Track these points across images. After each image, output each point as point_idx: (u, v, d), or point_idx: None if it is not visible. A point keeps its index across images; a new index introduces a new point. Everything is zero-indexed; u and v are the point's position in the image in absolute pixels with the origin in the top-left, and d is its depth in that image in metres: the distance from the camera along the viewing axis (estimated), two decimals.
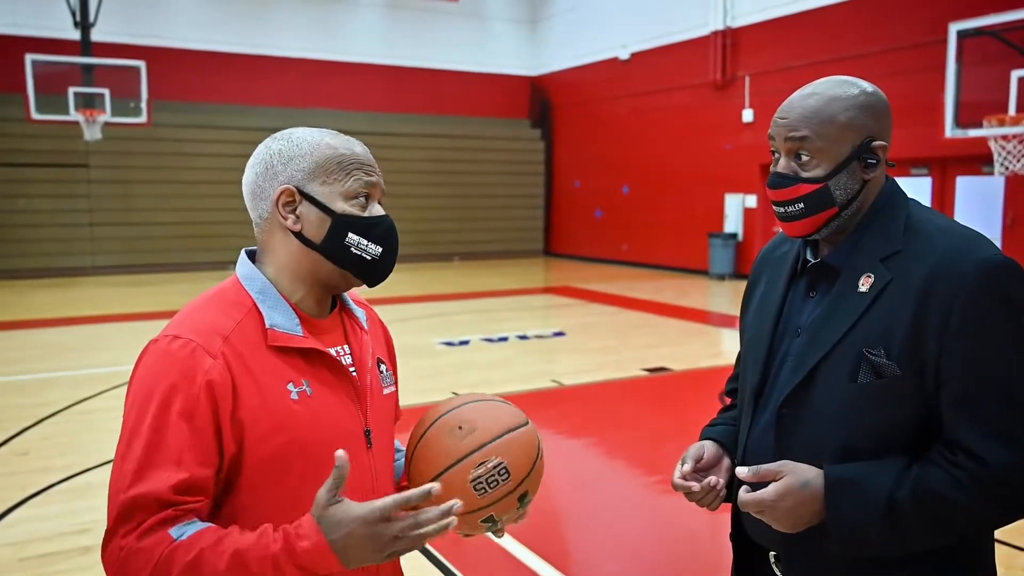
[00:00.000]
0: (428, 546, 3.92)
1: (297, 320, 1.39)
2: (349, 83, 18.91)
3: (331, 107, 18.56)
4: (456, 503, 1.22)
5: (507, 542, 3.99)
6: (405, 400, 1.78)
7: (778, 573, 1.54)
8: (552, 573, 3.71)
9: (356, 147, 1.43)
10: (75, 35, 15.06)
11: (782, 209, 1.48)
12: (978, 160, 11.34)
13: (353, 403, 1.43)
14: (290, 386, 1.34)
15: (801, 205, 1.45)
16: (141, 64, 14.40)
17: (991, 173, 9.90)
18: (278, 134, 1.44)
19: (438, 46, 20.01)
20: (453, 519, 1.21)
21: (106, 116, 13.95)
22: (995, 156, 9.21)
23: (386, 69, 19.36)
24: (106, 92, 14.05)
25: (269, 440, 1.30)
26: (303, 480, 1.33)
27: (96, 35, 15.26)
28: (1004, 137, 9.03)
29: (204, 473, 1.26)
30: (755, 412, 1.55)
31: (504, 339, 9.47)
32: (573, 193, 20.65)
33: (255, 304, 1.37)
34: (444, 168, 19.69)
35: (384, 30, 19.49)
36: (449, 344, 9.17)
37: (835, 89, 1.45)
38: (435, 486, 1.22)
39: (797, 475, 1.36)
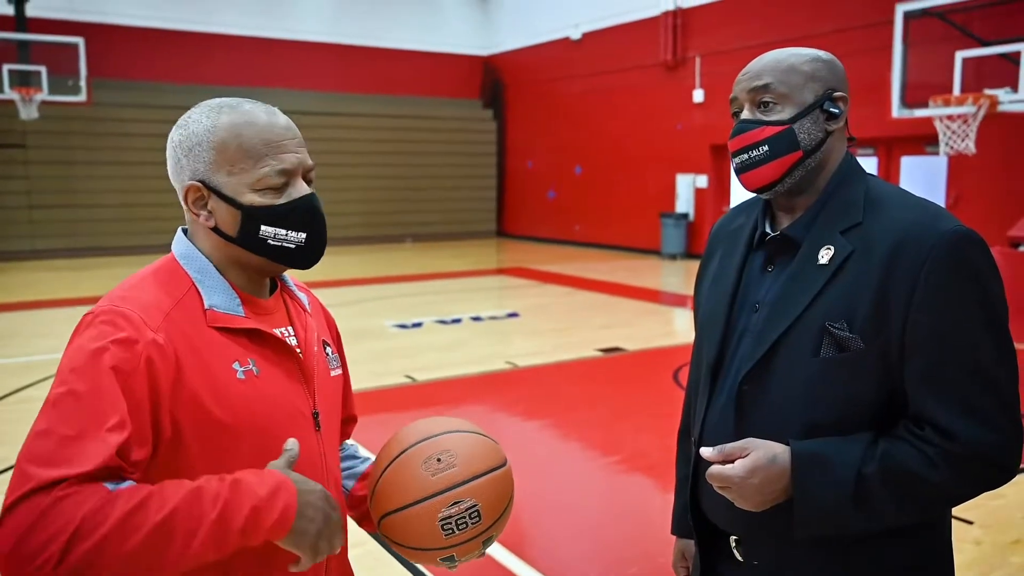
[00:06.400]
0: None
1: (238, 300, 1.33)
2: (297, 62, 18.54)
3: (279, 86, 18.18)
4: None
5: None
6: (358, 384, 1.72)
7: (739, 557, 1.51)
8: (509, 558, 3.69)
9: (256, 119, 1.30)
10: (9, 10, 14.52)
11: (745, 155, 1.45)
12: (922, 140, 11.55)
13: (300, 384, 1.38)
14: (235, 365, 1.27)
15: (766, 148, 1.43)
16: (79, 40, 13.95)
17: (935, 153, 10.09)
18: (181, 119, 1.33)
19: (389, 25, 19.71)
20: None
21: (43, 95, 13.53)
22: (940, 136, 9.38)
23: (335, 48, 19.02)
24: (43, 69, 13.62)
25: (214, 419, 1.23)
26: (251, 462, 1.27)
27: (31, 10, 14.74)
28: (949, 117, 9.20)
29: (140, 445, 1.16)
30: (713, 389, 1.52)
31: (458, 321, 9.41)
32: (526, 174, 20.60)
33: (194, 284, 1.31)
34: (396, 149, 19.47)
35: (333, 8, 19.13)
36: (402, 326, 9.08)
37: (793, 49, 1.48)
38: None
39: (764, 451, 1.33)
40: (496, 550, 3.72)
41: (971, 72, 9.46)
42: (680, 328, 9.34)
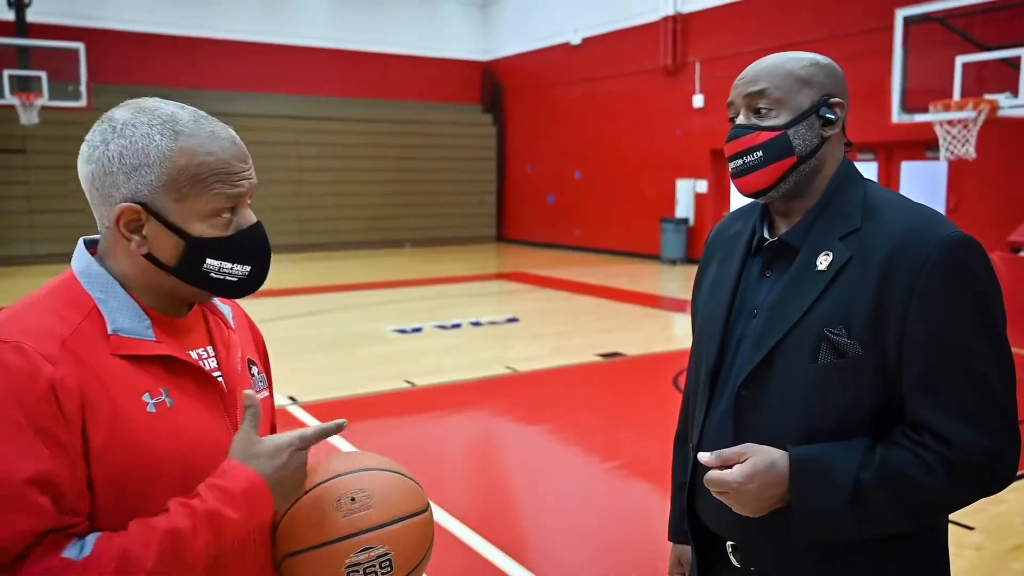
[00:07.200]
0: None
1: (148, 322, 1.20)
2: (296, 67, 18.56)
3: (278, 91, 18.21)
4: (342, 422, 1.25)
5: (463, 532, 3.95)
6: (358, 389, 1.70)
7: (736, 563, 1.51)
8: (509, 563, 3.68)
9: (214, 145, 1.18)
10: (9, 16, 14.54)
11: (740, 160, 1.46)
12: (922, 145, 11.56)
13: (221, 412, 1.25)
14: (146, 397, 1.15)
15: (759, 153, 1.43)
16: (80, 46, 13.96)
17: (935, 158, 10.08)
18: (117, 124, 1.18)
19: (388, 30, 19.74)
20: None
21: (43, 100, 13.54)
22: (941, 141, 9.38)
23: (335, 53, 19.04)
24: (43, 75, 13.63)
25: (122, 458, 1.11)
26: (168, 499, 1.14)
27: (32, 15, 14.76)
28: (949, 122, 9.20)
29: (79, 489, 1.08)
30: (712, 394, 1.52)
31: (457, 326, 9.41)
32: (525, 179, 20.61)
33: (96, 305, 1.18)
34: (395, 154, 19.49)
35: (332, 13, 19.16)
36: (402, 331, 9.07)
37: (792, 54, 1.48)
38: (345, 423, 1.25)
39: (762, 456, 1.33)
40: (495, 554, 3.72)
41: (971, 77, 9.46)
42: (680, 333, 9.33)
